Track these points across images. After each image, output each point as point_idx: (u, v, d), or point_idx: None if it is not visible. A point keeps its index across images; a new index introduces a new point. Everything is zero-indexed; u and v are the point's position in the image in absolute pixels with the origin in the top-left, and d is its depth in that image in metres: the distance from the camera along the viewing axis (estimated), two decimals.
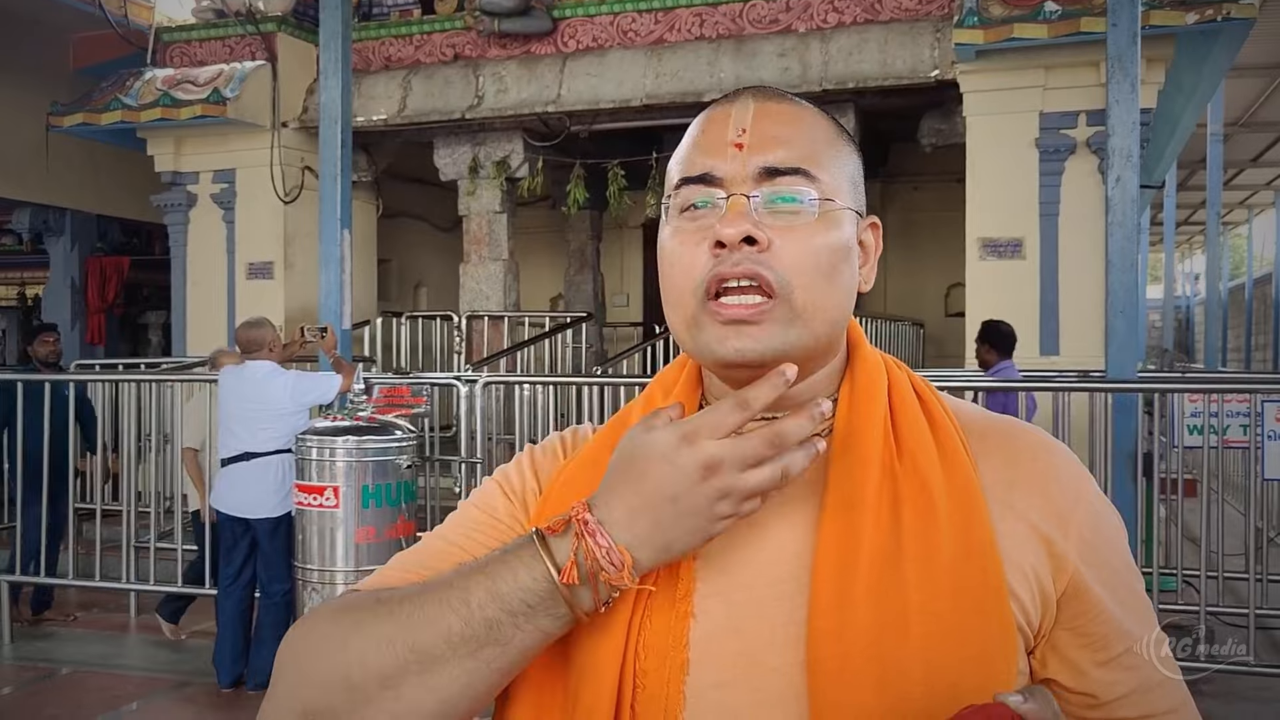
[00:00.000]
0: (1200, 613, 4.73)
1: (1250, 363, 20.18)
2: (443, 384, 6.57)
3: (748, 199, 0.88)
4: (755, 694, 0.84)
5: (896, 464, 0.89)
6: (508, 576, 0.83)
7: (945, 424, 0.93)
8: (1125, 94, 5.08)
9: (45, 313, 11.32)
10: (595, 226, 11.57)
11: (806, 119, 0.93)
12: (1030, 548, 0.88)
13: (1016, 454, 0.92)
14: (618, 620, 0.87)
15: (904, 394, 0.94)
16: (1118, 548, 0.92)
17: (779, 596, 0.86)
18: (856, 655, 0.81)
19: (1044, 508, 0.89)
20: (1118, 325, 5.14)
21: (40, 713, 4.86)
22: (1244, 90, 12.66)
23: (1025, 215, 7.19)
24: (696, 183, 0.90)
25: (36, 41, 9.81)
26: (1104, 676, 0.89)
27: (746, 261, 0.86)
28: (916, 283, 11.65)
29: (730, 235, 0.86)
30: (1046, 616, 0.88)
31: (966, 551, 0.85)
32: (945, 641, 0.82)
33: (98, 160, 10.31)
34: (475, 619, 0.82)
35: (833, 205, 0.90)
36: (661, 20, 8.42)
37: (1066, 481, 0.92)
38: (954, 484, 0.88)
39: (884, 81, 7.63)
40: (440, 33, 9.10)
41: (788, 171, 0.89)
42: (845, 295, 0.91)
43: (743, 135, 0.90)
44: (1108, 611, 0.89)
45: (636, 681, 0.86)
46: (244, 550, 5.18)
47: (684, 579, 0.88)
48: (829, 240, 0.89)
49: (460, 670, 0.83)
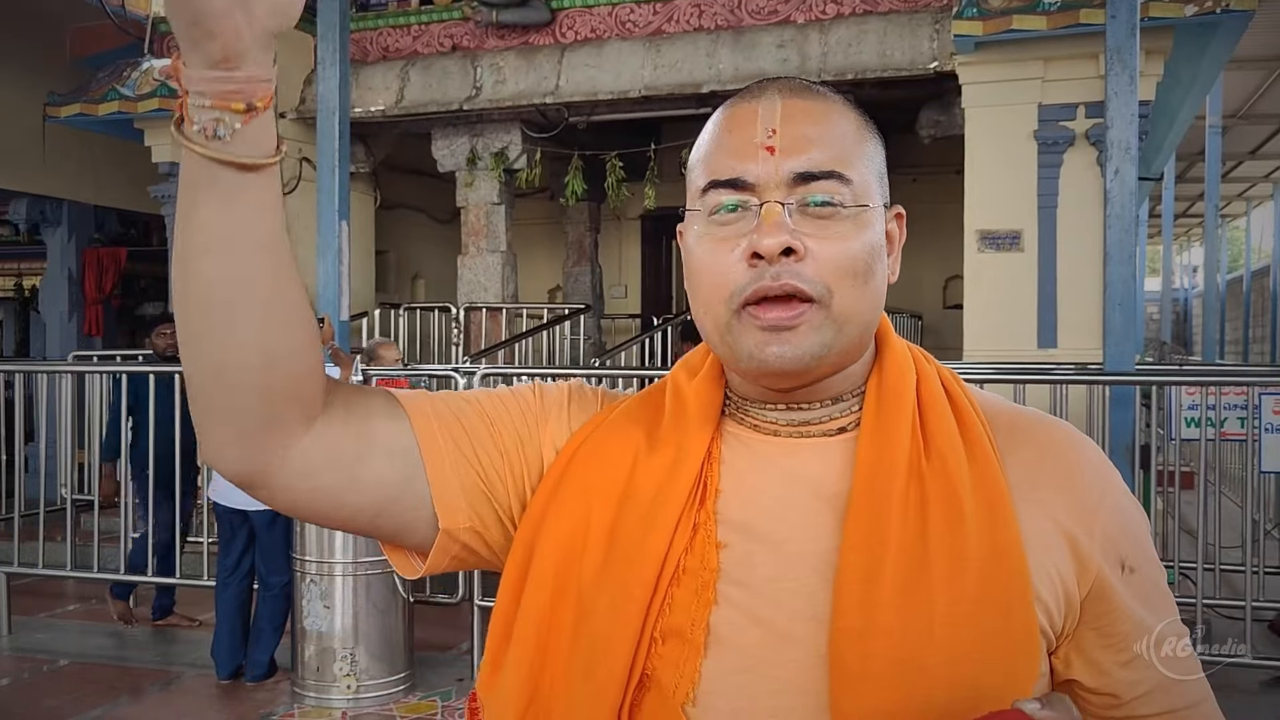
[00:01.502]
0: (1197, 605, 4.74)
1: (1248, 355, 20.18)
2: (441, 375, 6.57)
3: (783, 206, 0.87)
4: (773, 682, 0.84)
5: (924, 463, 0.88)
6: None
7: (973, 420, 0.92)
8: (1124, 86, 5.08)
9: (43, 304, 11.31)
10: (593, 218, 11.56)
11: (835, 114, 0.91)
12: (1055, 547, 0.87)
13: (1043, 449, 0.92)
14: (636, 601, 0.87)
15: (933, 390, 0.93)
16: (1141, 543, 0.92)
17: (802, 590, 0.86)
18: (879, 656, 0.81)
19: (1069, 505, 0.89)
20: (1115, 318, 5.14)
21: (39, 704, 4.87)
22: (1243, 82, 12.65)
23: (1024, 207, 7.18)
24: (726, 187, 0.89)
25: (33, 31, 9.78)
26: (1126, 676, 0.89)
27: (785, 275, 0.86)
28: (915, 275, 11.65)
29: (769, 247, 0.85)
30: (1070, 618, 0.88)
31: (993, 554, 0.84)
32: (969, 644, 0.82)
33: (95, 151, 10.28)
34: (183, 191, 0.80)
35: (866, 209, 0.89)
36: (660, 11, 8.40)
37: (1092, 477, 0.91)
38: (981, 484, 0.87)
39: (883, 73, 7.62)
40: (438, 23, 9.07)
41: (822, 176, 0.87)
42: (879, 294, 0.91)
43: (773, 137, 0.88)
44: (1130, 610, 0.89)
45: (650, 665, 0.87)
46: (242, 542, 5.18)
47: (708, 567, 0.88)
48: (863, 242, 0.88)
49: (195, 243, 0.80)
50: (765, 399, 0.94)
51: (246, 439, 0.86)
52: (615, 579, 0.88)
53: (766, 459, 0.93)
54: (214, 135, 0.77)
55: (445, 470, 0.94)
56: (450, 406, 0.98)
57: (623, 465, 0.94)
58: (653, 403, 1.00)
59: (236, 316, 0.81)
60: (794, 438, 0.93)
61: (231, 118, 0.77)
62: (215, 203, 0.79)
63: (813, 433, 0.93)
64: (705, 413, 0.96)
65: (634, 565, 0.88)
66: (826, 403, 0.93)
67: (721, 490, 0.93)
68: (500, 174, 9.11)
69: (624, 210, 11.52)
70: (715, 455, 0.94)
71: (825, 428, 0.93)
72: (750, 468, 0.93)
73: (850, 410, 0.93)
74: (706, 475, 0.93)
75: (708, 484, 0.93)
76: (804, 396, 0.92)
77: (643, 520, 0.91)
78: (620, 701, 0.85)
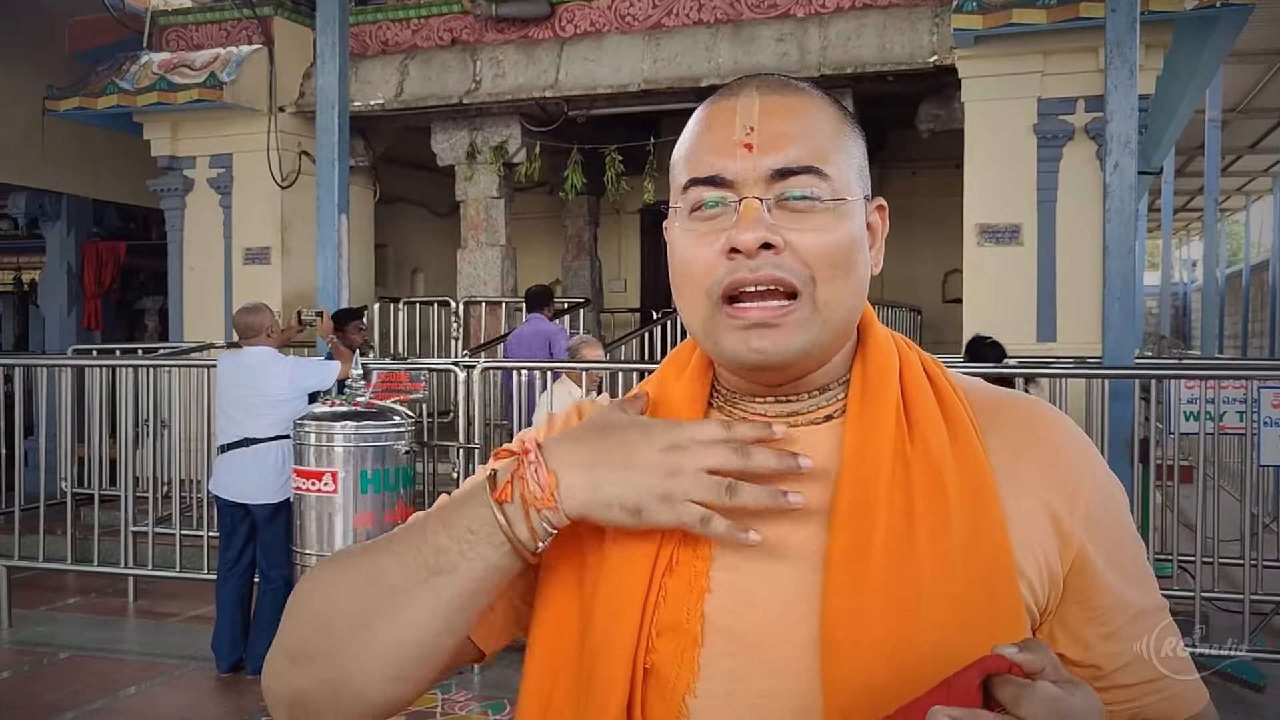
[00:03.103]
0: (1196, 599, 4.75)
1: (1247, 349, 20.20)
2: (440, 369, 6.57)
3: (761, 202, 0.88)
4: (767, 665, 0.86)
5: (908, 447, 0.90)
6: (459, 508, 0.88)
7: (955, 405, 0.94)
8: (1123, 80, 5.07)
9: (42, 298, 11.30)
10: (593, 212, 11.55)
11: (812, 109, 0.92)
12: (1038, 525, 0.89)
13: (1024, 429, 0.94)
14: (632, 599, 0.88)
15: (915, 375, 0.95)
16: (1121, 519, 0.94)
17: (793, 572, 0.87)
18: (870, 635, 0.83)
19: (1051, 482, 0.91)
20: (1114, 312, 5.14)
21: (39, 697, 4.88)
22: (1242, 76, 12.65)
23: (1023, 201, 7.19)
24: (705, 184, 0.90)
25: (32, 25, 9.76)
26: (1109, 648, 0.92)
27: (766, 267, 0.87)
28: (913, 269, 11.65)
29: (747, 242, 0.87)
30: (1053, 594, 0.90)
31: (976, 534, 0.86)
32: (956, 622, 0.84)
33: (94, 145, 10.27)
34: (426, 546, 0.87)
35: (845, 202, 0.90)
36: (659, 5, 8.40)
37: (1073, 455, 0.93)
38: (964, 466, 0.89)
39: (882, 67, 7.61)
40: (437, 16, 9.07)
41: (799, 171, 0.89)
42: (861, 285, 0.92)
43: (750, 134, 0.89)
44: (1112, 585, 0.92)
45: (649, 659, 0.88)
46: (243, 536, 5.19)
47: (701, 556, 0.89)
48: (843, 233, 0.89)
49: (416, 602, 0.86)
50: (753, 392, 0.96)
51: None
52: (610, 582, 0.90)
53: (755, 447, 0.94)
54: (544, 539, 0.87)
55: (482, 621, 0.96)
56: None
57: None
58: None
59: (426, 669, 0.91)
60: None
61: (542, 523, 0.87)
62: (481, 563, 0.86)
63: (800, 422, 0.94)
64: (692, 407, 0.97)
65: (626, 564, 0.90)
66: (814, 393, 0.95)
67: None
68: (499, 168, 9.11)
69: (623, 204, 11.52)
70: None
71: (812, 416, 0.95)
72: None
73: (836, 398, 0.95)
74: None
75: None
76: (790, 390, 0.94)
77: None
78: (626, 698, 0.87)
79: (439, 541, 0.86)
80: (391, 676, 0.88)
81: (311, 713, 0.91)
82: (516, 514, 0.85)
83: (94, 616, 6.24)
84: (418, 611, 0.86)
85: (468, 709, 4.56)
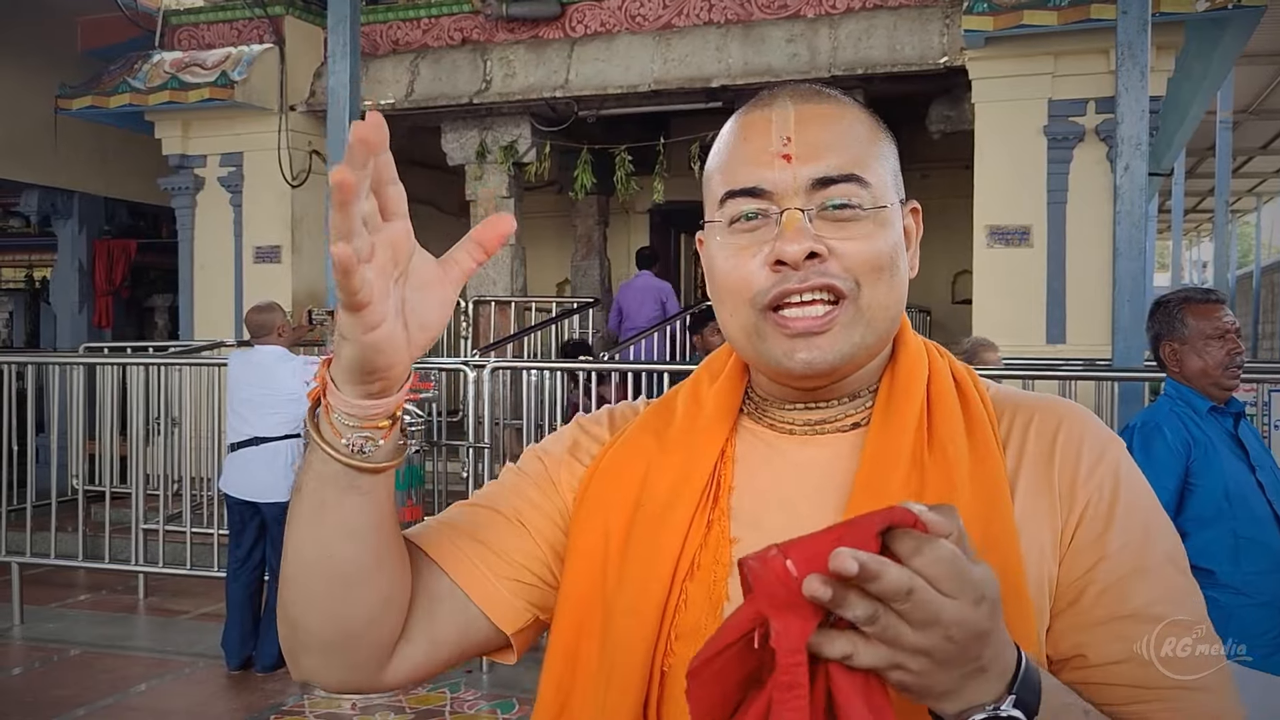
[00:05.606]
0: None
1: (1257, 351, 20.11)
2: (450, 369, 6.58)
3: (803, 213, 0.88)
4: None
5: (926, 455, 0.90)
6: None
7: (979, 413, 0.93)
8: (1134, 81, 5.07)
9: (53, 295, 11.34)
10: (602, 211, 11.55)
11: (847, 117, 0.93)
12: (1049, 525, 0.89)
13: (1041, 425, 0.93)
14: (653, 600, 0.89)
15: (942, 385, 0.95)
16: (1135, 511, 0.91)
17: None
18: None
19: (1066, 479, 0.90)
20: (1124, 313, 5.14)
21: (50, 693, 4.90)
22: (1254, 77, 12.59)
23: (1033, 202, 7.17)
24: (744, 195, 0.90)
25: (44, 24, 9.80)
26: (1096, 635, 0.88)
27: (814, 275, 0.88)
28: (923, 269, 11.19)
29: (793, 254, 0.87)
30: (1062, 597, 0.89)
31: (985, 543, 0.86)
32: None
33: (105, 143, 10.31)
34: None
35: (885, 209, 0.91)
36: (669, 5, 8.40)
37: (1089, 449, 0.92)
38: (980, 475, 0.89)
39: (892, 68, 7.61)
40: (448, 16, 9.08)
41: (840, 179, 0.89)
42: (903, 288, 0.93)
43: (788, 145, 0.89)
44: (1121, 580, 0.89)
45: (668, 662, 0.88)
46: (252, 534, 5.21)
47: (721, 562, 0.90)
48: (885, 240, 0.90)
49: (294, 521, 0.89)
50: (787, 398, 0.97)
51: (350, 669, 0.93)
52: (633, 580, 0.91)
53: (780, 455, 0.96)
54: (359, 451, 0.84)
55: (490, 593, 0.97)
56: (471, 520, 1.01)
57: (636, 474, 0.97)
58: (667, 407, 1.03)
59: (365, 586, 0.89)
60: (809, 435, 0.96)
61: (376, 434, 0.84)
62: (355, 500, 0.86)
63: (827, 430, 0.95)
64: (722, 413, 0.98)
65: (650, 564, 0.90)
66: (844, 399, 0.96)
67: (734, 487, 0.95)
68: (509, 167, 9.11)
69: (633, 204, 11.51)
70: (730, 454, 0.97)
71: (839, 424, 0.95)
72: (764, 464, 0.96)
73: (864, 406, 0.96)
74: (720, 473, 0.95)
75: (721, 481, 0.95)
76: (824, 395, 0.95)
77: (657, 521, 0.93)
78: (643, 700, 0.87)
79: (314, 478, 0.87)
80: (327, 612, 0.89)
81: (311, 669, 0.93)
82: (322, 421, 0.84)
83: (104, 613, 6.26)
84: (296, 529, 0.88)
85: (476, 708, 4.56)
